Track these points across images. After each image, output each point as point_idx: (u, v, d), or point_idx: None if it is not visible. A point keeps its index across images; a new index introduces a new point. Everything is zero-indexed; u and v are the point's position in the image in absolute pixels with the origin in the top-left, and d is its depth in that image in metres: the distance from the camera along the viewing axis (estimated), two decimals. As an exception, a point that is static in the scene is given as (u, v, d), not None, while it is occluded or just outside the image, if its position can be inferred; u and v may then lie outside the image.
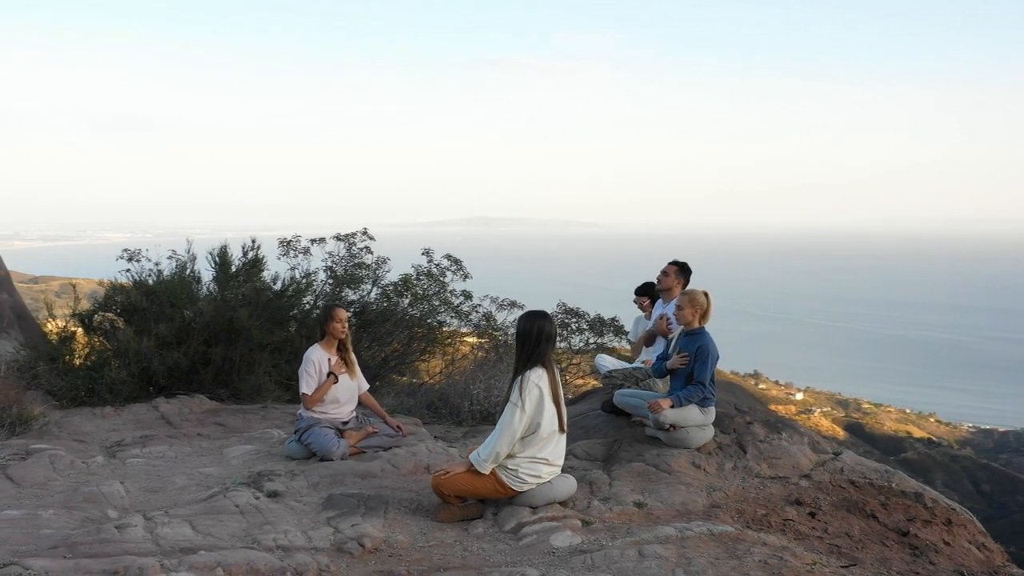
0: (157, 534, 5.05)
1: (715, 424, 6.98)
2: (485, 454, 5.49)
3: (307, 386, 7.12)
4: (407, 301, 11.80)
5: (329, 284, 11.92)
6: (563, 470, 6.19)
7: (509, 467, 5.51)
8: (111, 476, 6.51)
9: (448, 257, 12.30)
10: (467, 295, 12.32)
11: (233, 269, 10.89)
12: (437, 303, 11.98)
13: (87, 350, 9.86)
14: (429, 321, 11.94)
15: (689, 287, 7.35)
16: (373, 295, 11.94)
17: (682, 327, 6.79)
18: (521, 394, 5.43)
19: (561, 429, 5.59)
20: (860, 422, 63.65)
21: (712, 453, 6.61)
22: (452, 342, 12.40)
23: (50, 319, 10.23)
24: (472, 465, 5.53)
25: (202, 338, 10.18)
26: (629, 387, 7.38)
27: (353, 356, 7.45)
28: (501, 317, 12.80)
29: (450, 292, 12.33)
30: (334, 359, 7.26)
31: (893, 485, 6.29)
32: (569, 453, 6.85)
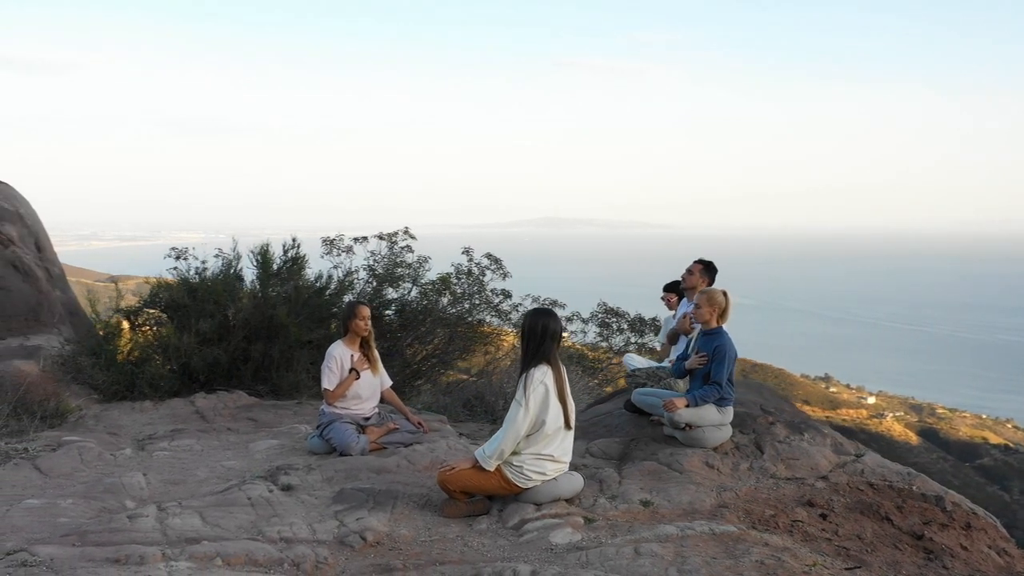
0: (167, 524, 5.16)
1: (736, 424, 6.91)
2: (490, 451, 5.52)
3: (328, 382, 7.22)
4: (446, 300, 11.88)
5: (371, 283, 12.06)
6: (577, 468, 6.21)
7: (514, 464, 5.52)
8: (135, 468, 6.69)
9: (488, 256, 12.36)
10: (506, 294, 12.36)
11: (274, 267, 11.07)
12: (477, 302, 12.03)
13: (130, 346, 10.12)
14: (469, 319, 11.99)
15: (712, 286, 7.27)
16: (413, 294, 12.05)
17: (700, 326, 6.73)
18: (525, 392, 5.45)
19: (567, 426, 5.59)
20: (934, 427, 62.14)
21: (728, 453, 6.54)
22: (492, 340, 12.43)
23: (96, 315, 10.50)
24: (477, 461, 5.56)
25: (242, 335, 10.40)
26: (652, 386, 7.34)
27: (376, 353, 7.53)
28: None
29: (490, 291, 12.37)
30: (357, 355, 7.35)
31: (914, 488, 6.15)
32: (586, 452, 6.85)
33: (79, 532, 4.99)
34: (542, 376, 5.50)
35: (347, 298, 11.76)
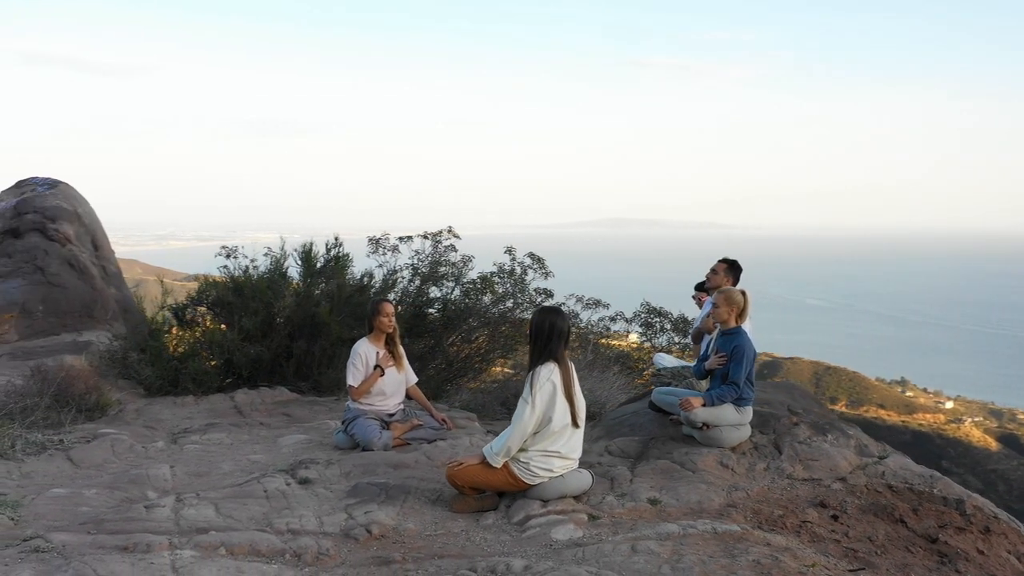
0: (181, 515, 5.32)
1: (759, 424, 6.85)
2: (497, 448, 5.58)
3: (353, 378, 7.35)
4: (488, 299, 11.96)
5: (413, 282, 12.20)
6: (592, 466, 6.23)
7: (521, 460, 5.57)
8: (164, 460, 6.89)
9: (531, 255, 12.41)
10: (548, 293, 12.39)
11: (318, 266, 11.27)
12: (520, 301, 12.08)
13: (175, 342, 10.40)
14: (510, 318, 12.06)
15: (729, 287, 7.20)
16: (456, 293, 12.15)
17: (719, 326, 6.69)
18: (531, 390, 5.50)
19: (575, 424, 5.61)
20: (1015, 433, 60.37)
21: (746, 453, 6.49)
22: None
23: (142, 312, 10.82)
24: (485, 458, 5.62)
25: (285, 332, 10.61)
26: (676, 385, 7.32)
27: (401, 350, 7.64)
28: (586, 316, 12.85)
29: (534, 290, 12.42)
30: (382, 352, 7.46)
31: (935, 491, 6.03)
32: (604, 450, 6.85)
33: (96, 520, 5.18)
34: (549, 374, 5.54)
35: (392, 297, 11.92)
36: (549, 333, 5.59)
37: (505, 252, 12.45)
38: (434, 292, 12.32)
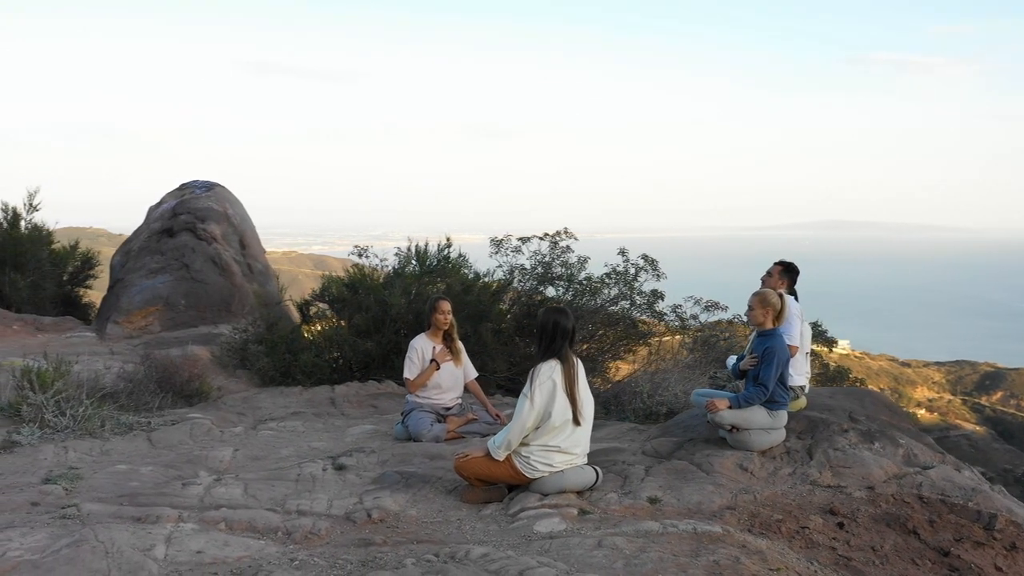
0: (211, 492, 5.78)
1: (805, 429, 6.69)
2: (499, 441, 5.75)
3: (409, 372, 7.68)
4: (600, 300, 12.05)
5: (531, 282, 12.44)
6: (614, 464, 6.28)
7: (522, 454, 5.72)
8: (231, 444, 7.42)
9: (644, 257, 12.38)
10: (659, 295, 12.33)
11: (428, 265, 11.71)
12: (628, 304, 12.11)
13: (293, 335, 11.09)
14: (619, 320, 12.10)
15: (763, 288, 7.01)
16: (571, 293, 12.31)
17: (755, 328, 6.58)
18: (531, 386, 5.64)
19: (576, 421, 5.70)
20: None
21: (776, 457, 6.34)
22: (643, 341, 12.46)
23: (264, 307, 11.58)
24: (489, 451, 5.80)
25: (394, 328, 11.10)
26: (727, 387, 7.22)
27: (459, 345, 7.90)
28: (704, 317, 12.72)
29: (648, 292, 12.39)
30: (439, 347, 7.75)
31: (969, 504, 5.71)
32: (638, 449, 6.86)
33: (132, 494, 5.71)
34: (550, 371, 5.67)
35: (509, 297, 12.21)
36: (553, 331, 5.72)
37: (618, 254, 12.49)
38: (550, 291, 12.53)
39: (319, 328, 11.59)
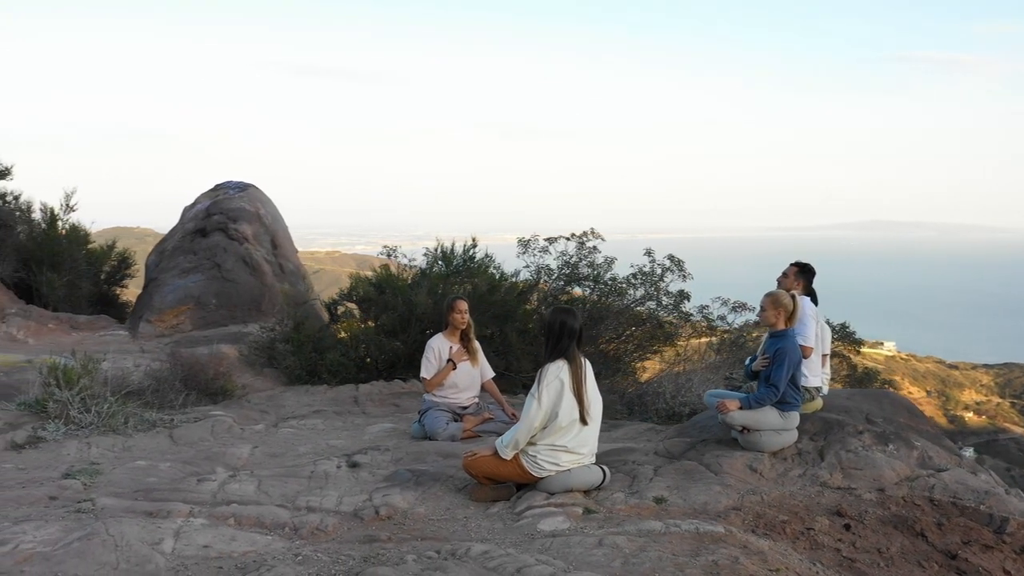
0: (225, 488, 5.88)
1: (819, 431, 6.64)
2: (507, 440, 5.80)
3: (426, 371, 7.74)
4: (626, 301, 12.05)
5: (559, 281, 12.47)
6: (624, 464, 6.29)
7: (529, 453, 5.77)
8: (250, 441, 7.53)
9: (670, 258, 12.35)
10: (686, 295, 12.30)
11: (453, 265, 11.79)
12: (654, 305, 12.10)
13: (321, 334, 11.21)
14: (646, 320, 12.09)
15: (777, 289, 6.97)
16: (597, 294, 12.32)
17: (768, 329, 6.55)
18: (539, 386, 5.68)
19: (583, 421, 5.72)
20: None
21: (787, 458, 6.32)
22: (669, 342, 12.44)
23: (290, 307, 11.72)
24: (497, 450, 5.84)
25: (420, 328, 11.18)
26: (740, 388, 7.19)
27: (476, 345, 7.95)
28: (732, 318, 12.68)
29: (675, 293, 12.36)
30: (455, 347, 7.81)
31: (981, 507, 5.65)
32: (651, 450, 6.86)
33: (147, 489, 5.82)
34: (557, 371, 5.70)
35: (535, 297, 12.24)
36: (560, 332, 5.75)
37: (644, 254, 12.48)
38: (576, 290, 12.56)
39: (345, 327, 11.71)
